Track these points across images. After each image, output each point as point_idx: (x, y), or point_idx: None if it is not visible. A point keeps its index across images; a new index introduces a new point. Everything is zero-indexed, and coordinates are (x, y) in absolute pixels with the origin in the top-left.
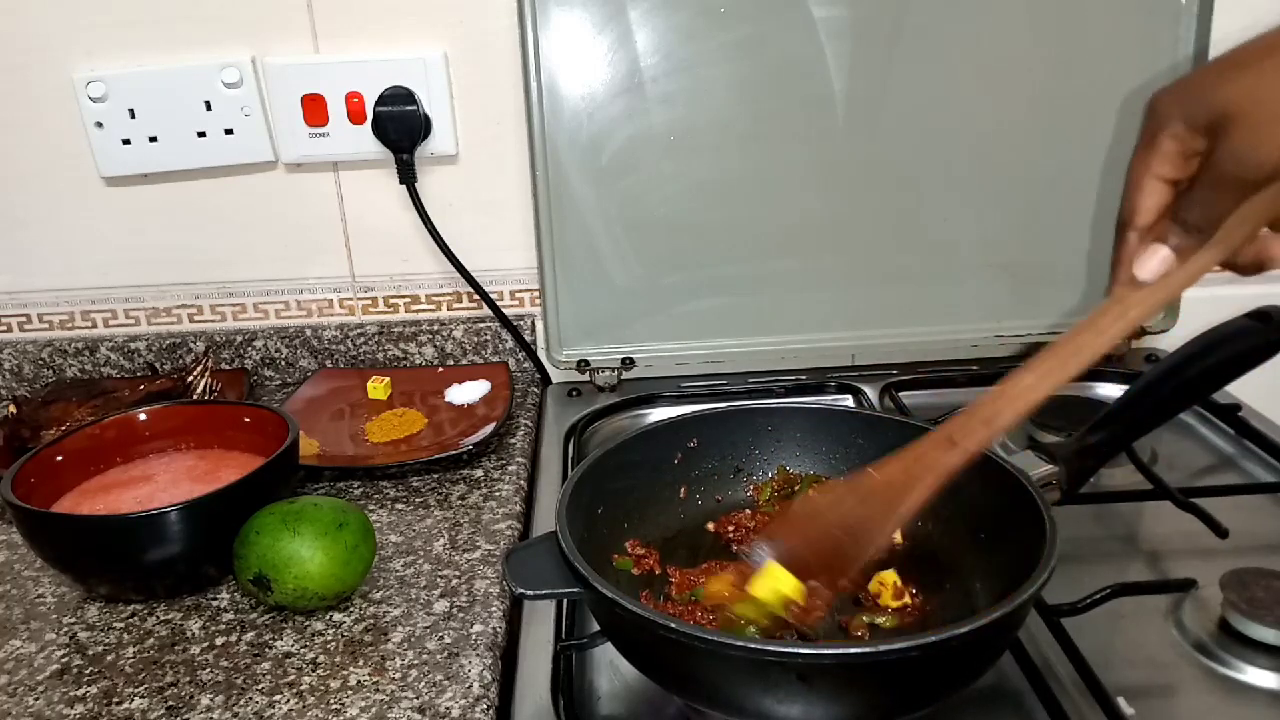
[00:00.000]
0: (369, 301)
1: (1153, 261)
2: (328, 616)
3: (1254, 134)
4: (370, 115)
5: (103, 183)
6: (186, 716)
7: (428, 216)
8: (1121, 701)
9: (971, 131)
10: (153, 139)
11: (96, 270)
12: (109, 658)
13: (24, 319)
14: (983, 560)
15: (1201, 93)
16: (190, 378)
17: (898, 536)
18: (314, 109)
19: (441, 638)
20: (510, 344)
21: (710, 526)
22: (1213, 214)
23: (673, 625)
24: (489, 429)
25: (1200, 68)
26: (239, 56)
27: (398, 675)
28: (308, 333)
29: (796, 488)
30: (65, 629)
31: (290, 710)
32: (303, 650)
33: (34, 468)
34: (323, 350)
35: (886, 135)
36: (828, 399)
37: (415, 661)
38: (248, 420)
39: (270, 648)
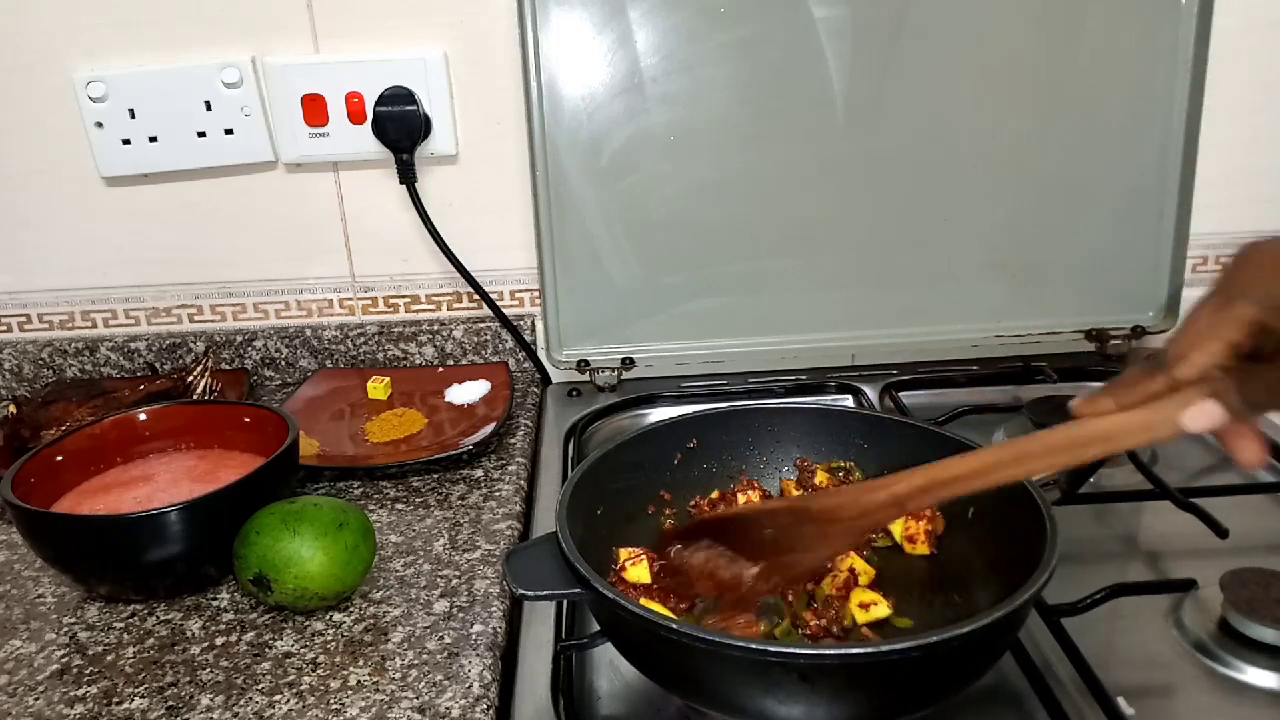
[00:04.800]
0: (369, 301)
1: (1203, 418)
2: (328, 616)
3: None
4: (370, 115)
5: (103, 183)
6: (186, 716)
7: (428, 216)
8: (1121, 701)
9: (971, 132)
10: (153, 139)
11: (96, 270)
12: (109, 658)
13: (24, 319)
14: (983, 560)
15: None
16: (190, 378)
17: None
18: (314, 109)
19: (441, 638)
20: (510, 344)
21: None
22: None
23: (673, 625)
24: (489, 429)
25: None
26: (239, 56)
27: (398, 675)
28: (308, 333)
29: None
30: (65, 629)
31: (290, 710)
32: (303, 650)
33: (34, 468)
34: (323, 350)
35: (887, 135)
36: (828, 399)
37: (415, 661)
38: (248, 420)
39: (270, 648)
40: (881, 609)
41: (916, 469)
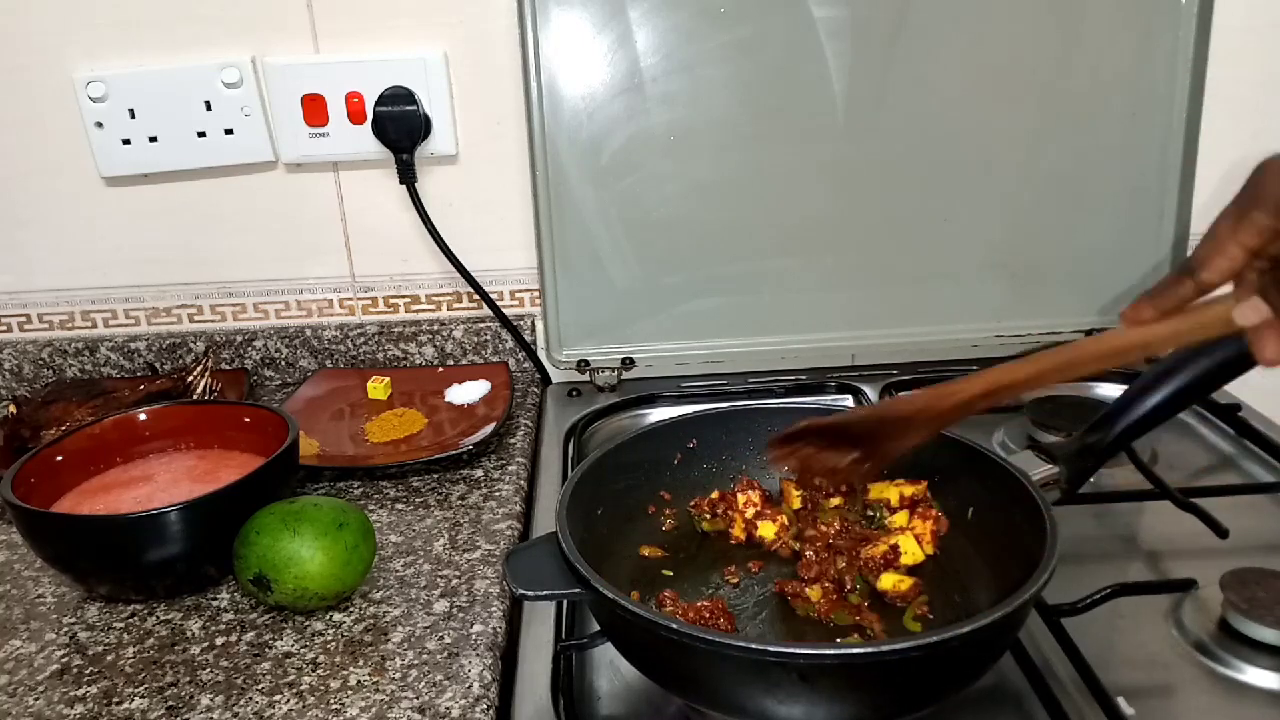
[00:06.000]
0: (369, 301)
1: (1251, 313)
2: (328, 616)
3: None
4: (370, 115)
5: (103, 183)
6: (186, 716)
7: (428, 216)
8: (1121, 701)
9: (971, 131)
10: (153, 139)
11: (96, 270)
12: (109, 658)
13: (24, 319)
14: (983, 560)
15: None
16: (190, 378)
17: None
18: (314, 109)
19: (441, 638)
20: (510, 344)
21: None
22: None
23: (674, 626)
24: (489, 429)
25: None
26: (239, 56)
27: (398, 675)
28: (308, 333)
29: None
30: (65, 629)
31: (290, 710)
32: (303, 650)
33: (34, 468)
34: (323, 350)
35: (886, 135)
36: (828, 399)
37: (415, 661)
38: (248, 420)
39: (270, 648)
40: (888, 584)
41: (978, 374)
